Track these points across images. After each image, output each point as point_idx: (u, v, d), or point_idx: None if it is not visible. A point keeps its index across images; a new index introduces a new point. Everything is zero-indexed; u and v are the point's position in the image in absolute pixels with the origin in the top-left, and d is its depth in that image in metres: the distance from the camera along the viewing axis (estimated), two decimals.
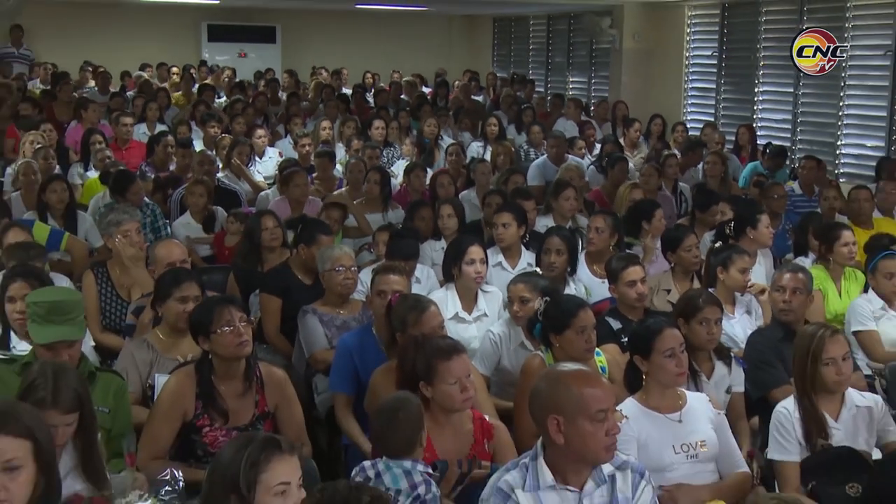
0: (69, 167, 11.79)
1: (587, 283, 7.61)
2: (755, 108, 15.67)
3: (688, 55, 17.10)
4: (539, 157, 13.11)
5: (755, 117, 15.51)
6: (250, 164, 12.20)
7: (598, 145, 14.17)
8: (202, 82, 19.28)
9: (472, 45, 24.63)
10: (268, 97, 17.54)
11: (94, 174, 11.30)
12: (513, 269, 7.68)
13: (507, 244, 7.92)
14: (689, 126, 15.38)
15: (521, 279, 6.46)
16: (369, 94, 19.15)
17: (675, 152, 12.71)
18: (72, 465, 4.20)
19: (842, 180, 12.63)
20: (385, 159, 12.72)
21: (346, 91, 19.14)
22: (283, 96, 18.21)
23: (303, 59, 22.61)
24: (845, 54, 13.01)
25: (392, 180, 10.99)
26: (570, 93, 19.40)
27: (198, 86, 18.66)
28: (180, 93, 18.20)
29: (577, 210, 9.43)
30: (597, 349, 5.67)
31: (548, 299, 5.76)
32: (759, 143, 13.98)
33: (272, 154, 12.86)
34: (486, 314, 6.96)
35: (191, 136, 13.27)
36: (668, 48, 17.22)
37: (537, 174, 12.15)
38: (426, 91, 19.80)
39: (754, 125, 14.95)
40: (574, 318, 5.46)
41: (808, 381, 4.88)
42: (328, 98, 17.16)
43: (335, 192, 10.53)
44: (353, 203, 9.83)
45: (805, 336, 5.04)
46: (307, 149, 12.36)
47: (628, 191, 10.04)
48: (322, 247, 7.08)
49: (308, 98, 18.26)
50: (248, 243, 8.07)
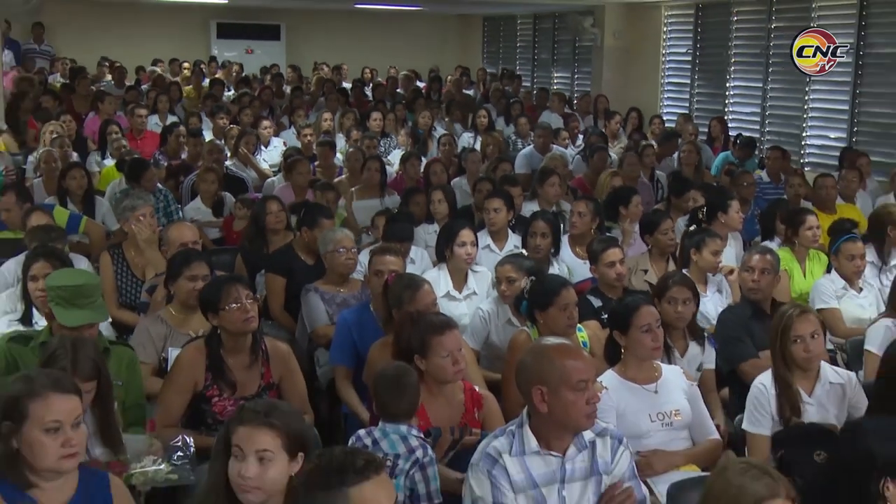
0: (87, 156, 11.78)
1: (570, 264, 7.62)
2: (726, 101, 15.69)
3: (664, 52, 17.09)
4: (526, 147, 13.10)
5: (726, 110, 15.52)
6: (256, 153, 12.18)
7: (581, 136, 14.20)
8: (211, 77, 19.24)
9: (463, 42, 24.58)
10: (273, 91, 17.49)
11: (110, 162, 11.30)
12: (500, 251, 7.67)
13: (498, 228, 7.93)
14: (665, 118, 15.36)
15: (508, 260, 6.45)
16: (367, 89, 19.09)
17: (652, 143, 12.72)
18: (91, 432, 4.21)
19: (807, 169, 12.65)
20: (382, 149, 12.71)
21: (346, 85, 19.09)
22: (286, 90, 18.18)
23: (305, 56, 22.56)
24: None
25: (388, 168, 11.00)
26: (554, 87, 19.38)
27: (207, 80, 18.65)
28: (191, 86, 18.15)
29: (561, 196, 9.43)
30: (579, 325, 5.68)
31: (533, 279, 5.78)
32: (730, 134, 13.98)
33: (277, 143, 12.85)
34: (475, 293, 6.98)
35: (201, 127, 13.29)
36: (646, 46, 17.21)
37: (524, 163, 12.14)
38: (420, 85, 19.74)
39: (726, 118, 14.92)
40: (557, 296, 5.46)
41: (779, 357, 4.88)
42: (329, 92, 17.13)
43: (335, 180, 10.53)
44: (351, 191, 9.85)
45: (777, 315, 5.04)
46: (309, 139, 12.35)
47: (609, 178, 10.05)
48: (323, 230, 7.09)
49: (310, 92, 18.21)
50: (255, 226, 8.08)
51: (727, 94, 15.69)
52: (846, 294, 6.95)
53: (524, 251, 7.27)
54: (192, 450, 4.55)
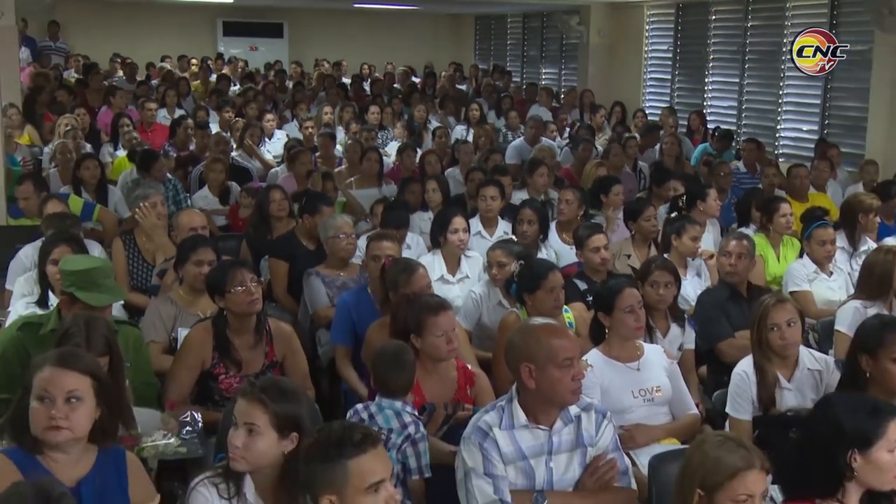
0: (100, 147, 11.76)
1: (557, 249, 7.63)
2: (705, 96, 15.66)
3: (646, 49, 17.04)
4: (516, 139, 13.13)
5: (705, 104, 15.49)
6: (261, 145, 12.19)
7: (568, 129, 14.20)
8: (218, 72, 19.20)
9: (456, 40, 24.54)
10: (276, 86, 17.47)
11: (122, 153, 11.30)
12: (490, 237, 7.68)
13: (493, 214, 7.96)
14: (647, 112, 15.34)
15: (498, 246, 6.46)
16: (366, 84, 19.08)
17: (635, 135, 12.74)
18: None
19: (780, 160, 12.63)
20: (380, 141, 12.71)
21: (346, 80, 19.09)
22: (289, 85, 18.16)
23: (307, 52, 22.55)
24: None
25: (385, 159, 10.99)
26: (542, 82, 19.32)
27: (214, 75, 18.62)
28: (199, 82, 18.13)
29: (549, 185, 9.44)
30: (565, 307, 5.69)
31: (522, 263, 5.78)
32: (708, 127, 14.01)
33: (280, 136, 12.81)
34: (468, 276, 6.97)
35: (208, 120, 13.26)
36: (629, 43, 17.17)
37: (514, 154, 12.12)
38: (416, 81, 19.73)
39: (704, 111, 14.92)
40: (545, 279, 5.47)
41: (757, 345, 4.86)
42: (329, 87, 17.13)
43: (336, 170, 10.53)
44: (349, 181, 9.84)
45: (757, 304, 5.02)
46: (311, 131, 12.35)
47: (594, 168, 10.07)
48: (323, 217, 7.09)
49: (311, 87, 18.20)
50: (259, 214, 8.07)
51: (706, 88, 15.66)
52: (817, 277, 6.96)
53: (514, 237, 7.29)
54: (199, 425, 4.56)
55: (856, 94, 12.34)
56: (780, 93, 13.88)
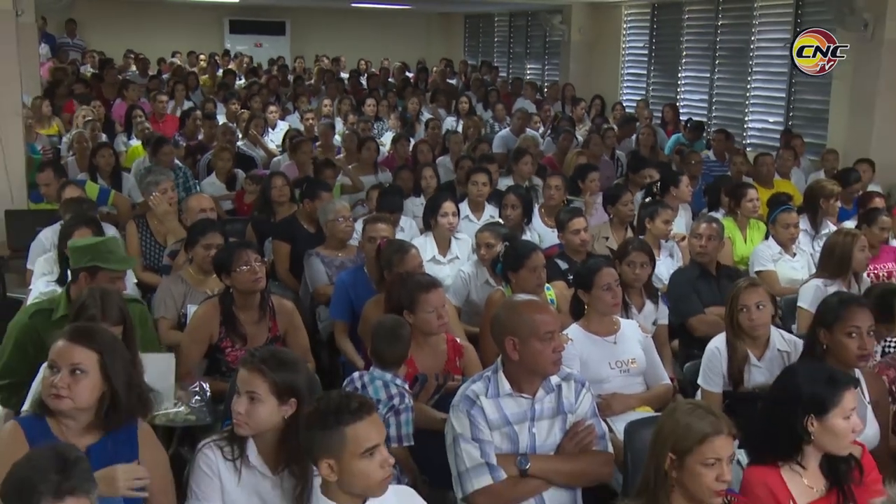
0: (115, 137, 11.74)
1: (540, 232, 7.64)
2: (678, 90, 15.64)
3: (624, 46, 17.01)
4: (502, 130, 13.10)
5: (678, 98, 15.47)
6: (265, 135, 12.16)
7: (551, 120, 14.18)
8: (224, 67, 19.14)
9: (447, 37, 24.46)
10: (279, 80, 17.44)
11: (135, 142, 11.29)
12: (478, 221, 7.70)
13: (481, 199, 7.98)
14: (624, 105, 15.34)
15: (486, 228, 6.47)
16: (363, 78, 19.00)
17: (613, 126, 12.75)
18: None
19: (748, 149, 12.64)
20: (375, 131, 12.68)
21: (344, 75, 19.01)
22: (291, 79, 18.11)
23: (308, 49, 22.45)
24: (753, 46, 12.98)
25: (381, 148, 10.97)
26: (527, 77, 19.29)
27: (221, 70, 18.55)
28: (206, 76, 18.06)
29: (533, 173, 9.44)
30: (547, 285, 5.68)
31: (507, 244, 5.79)
32: (681, 118, 13.96)
33: (283, 126, 12.77)
34: (457, 257, 6.98)
35: (215, 112, 13.25)
36: (607, 40, 17.14)
37: (500, 143, 12.11)
38: (409, 75, 19.69)
39: (677, 104, 14.88)
40: (528, 259, 5.47)
41: (729, 324, 4.85)
42: (329, 81, 17.08)
43: (335, 158, 10.52)
44: (349, 167, 9.82)
45: (731, 286, 5.02)
46: (311, 122, 12.34)
47: (575, 157, 10.07)
48: (322, 202, 7.09)
49: (312, 81, 18.16)
50: (263, 199, 8.09)
51: (679, 83, 15.65)
52: (781, 258, 6.98)
53: (500, 220, 7.30)
54: (208, 394, 4.57)
55: (818, 88, 12.33)
56: (748, 87, 13.89)
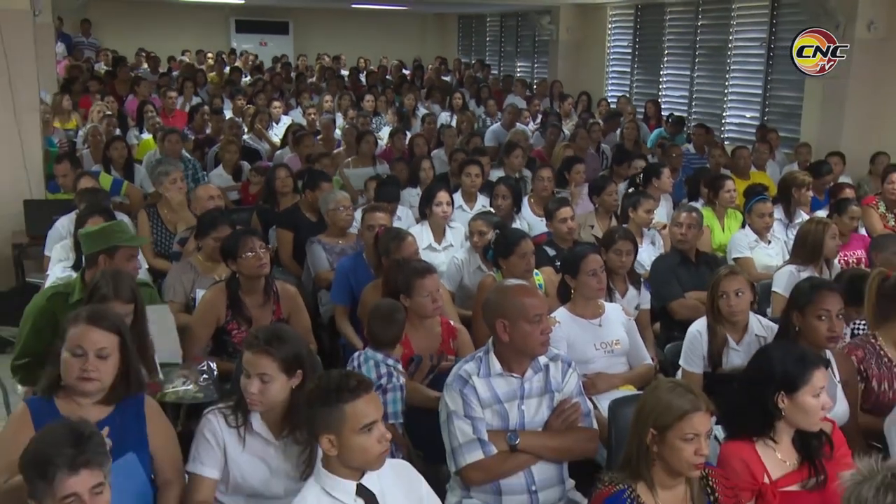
0: (127, 131, 11.70)
1: (529, 221, 7.64)
2: (660, 87, 15.63)
3: (609, 45, 16.98)
4: (494, 124, 13.09)
5: (660, 94, 15.47)
6: (269, 129, 12.16)
7: (540, 115, 14.17)
8: (231, 65, 19.08)
9: (442, 37, 24.42)
10: (282, 77, 17.45)
11: (146, 136, 11.25)
12: (471, 210, 7.69)
13: (474, 190, 7.98)
14: (609, 101, 15.34)
15: (479, 217, 6.47)
16: (362, 75, 18.98)
17: (598, 121, 12.73)
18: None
19: (726, 143, 12.61)
20: (374, 125, 12.65)
21: (344, 72, 19.01)
22: (294, 76, 18.06)
23: (310, 47, 22.40)
24: (730, 45, 12.95)
25: (379, 142, 10.96)
26: (517, 75, 19.25)
27: (228, 67, 18.51)
28: (214, 73, 18.02)
29: (523, 165, 9.43)
30: (536, 270, 5.68)
31: (498, 232, 5.78)
32: (662, 114, 13.99)
33: (286, 121, 12.76)
34: (451, 244, 6.96)
35: (222, 107, 13.23)
36: (593, 40, 17.12)
37: (492, 137, 12.12)
38: (406, 73, 19.65)
39: (659, 100, 14.92)
40: (517, 246, 5.47)
41: (710, 309, 4.83)
42: (330, 78, 17.06)
43: (335, 151, 10.50)
44: (347, 161, 9.81)
45: (712, 274, 5.01)
46: (313, 116, 12.31)
47: (562, 150, 10.06)
48: (323, 192, 7.09)
49: (314, 78, 18.11)
50: (267, 189, 8.10)
51: (661, 80, 15.64)
52: (757, 245, 6.99)
53: (491, 209, 7.30)
54: (215, 373, 4.57)
55: (792, 85, 12.34)
56: (726, 84, 13.89)
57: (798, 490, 3.39)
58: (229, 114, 12.85)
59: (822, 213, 7.19)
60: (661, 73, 15.62)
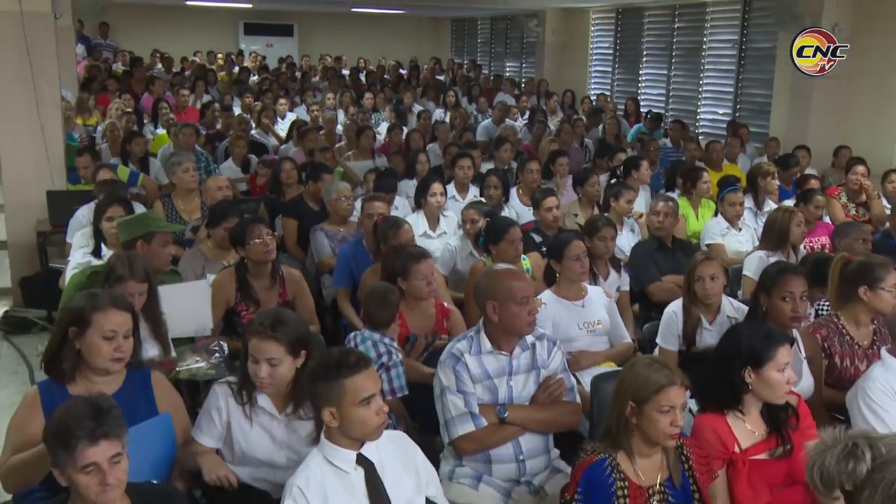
0: (143, 126, 11.67)
1: (517, 210, 7.63)
2: (639, 85, 15.63)
3: (591, 46, 16.97)
4: (484, 120, 13.07)
5: (639, 92, 15.46)
6: (275, 124, 12.13)
7: (527, 111, 14.15)
8: (240, 65, 19.03)
9: (436, 39, 24.36)
10: (287, 76, 17.36)
11: (161, 131, 11.24)
12: (463, 200, 7.69)
13: (466, 181, 7.97)
14: (592, 98, 15.32)
15: (471, 206, 6.47)
16: (362, 74, 18.95)
17: (582, 117, 12.70)
18: (147, 334, 4.19)
19: (700, 137, 12.62)
20: (373, 121, 12.63)
21: (345, 72, 18.97)
22: (298, 75, 18.02)
23: (313, 48, 22.34)
24: (704, 46, 12.92)
25: (377, 136, 10.95)
26: (507, 74, 19.23)
27: (237, 67, 18.46)
28: (224, 72, 17.95)
29: (511, 158, 9.42)
30: (523, 255, 5.69)
31: (488, 220, 5.79)
32: (641, 110, 13.98)
33: (291, 117, 12.74)
34: (445, 232, 6.96)
35: (232, 104, 13.21)
36: (577, 41, 17.10)
37: (483, 132, 12.10)
38: (403, 72, 19.61)
39: (638, 98, 14.91)
40: (506, 233, 5.48)
41: (686, 292, 4.84)
42: (332, 77, 17.00)
43: (336, 145, 10.48)
44: (348, 154, 9.78)
45: (689, 259, 5.00)
46: (316, 113, 12.29)
47: (548, 144, 10.07)
48: (325, 183, 7.08)
49: (317, 77, 18.07)
50: (273, 181, 8.09)
51: (640, 79, 15.63)
52: (729, 232, 6.99)
53: (482, 199, 7.29)
54: (226, 352, 4.56)
55: (762, 83, 12.35)
56: (700, 83, 13.89)
57: (766, 458, 3.40)
58: (238, 110, 12.84)
59: (789, 203, 7.20)
60: (640, 72, 15.60)
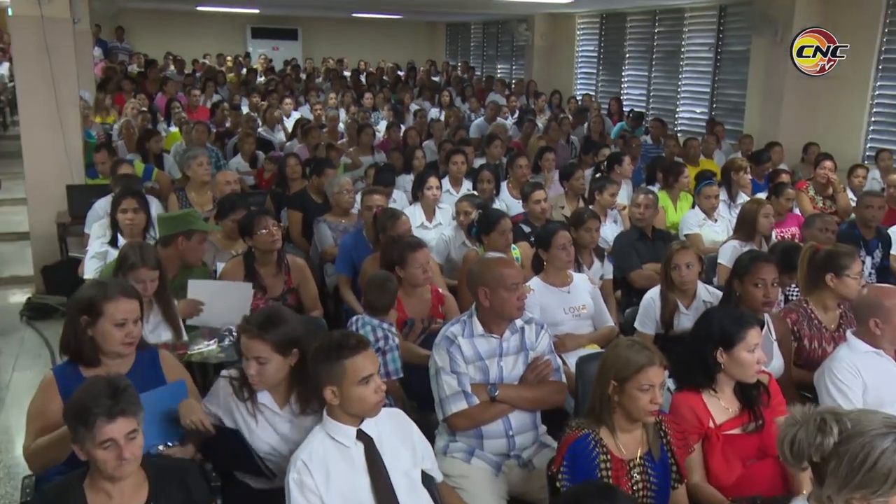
0: (157, 124, 11.65)
1: (507, 202, 7.61)
2: (622, 86, 15.62)
3: (577, 49, 16.95)
4: (477, 119, 13.04)
5: (622, 92, 15.45)
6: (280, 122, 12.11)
7: (517, 110, 14.15)
8: (247, 67, 18.99)
9: (431, 42, 24.32)
10: (292, 77, 17.34)
11: (174, 129, 11.22)
12: (457, 193, 7.65)
13: (460, 175, 7.96)
14: (578, 98, 15.32)
15: (464, 198, 6.45)
16: (362, 76, 18.91)
17: (568, 116, 12.70)
18: (159, 319, 4.19)
19: (679, 134, 12.63)
20: (372, 119, 12.62)
21: (346, 73, 18.93)
22: (303, 76, 17.99)
23: (316, 51, 22.29)
24: (683, 49, 12.91)
25: (377, 134, 10.94)
26: (498, 75, 19.19)
27: (245, 69, 18.41)
28: (233, 74, 17.92)
29: (502, 154, 9.42)
30: (513, 245, 5.69)
31: (480, 212, 5.78)
32: (624, 109, 13.98)
33: (296, 116, 12.71)
34: (440, 223, 6.95)
35: (240, 104, 13.19)
36: (564, 45, 17.08)
37: (475, 130, 12.07)
38: (401, 74, 19.58)
39: (621, 97, 14.90)
40: (497, 224, 5.47)
41: (664, 279, 4.85)
42: (334, 78, 16.95)
43: (339, 142, 10.47)
44: (349, 150, 9.78)
45: (667, 249, 5.00)
46: (319, 112, 12.26)
47: (536, 141, 10.06)
48: (328, 178, 7.08)
49: (320, 78, 18.04)
50: (279, 175, 8.10)
51: (622, 80, 15.62)
52: (705, 223, 7.00)
53: (475, 192, 7.28)
54: (235, 335, 4.54)
55: (737, 84, 12.36)
56: (679, 83, 13.89)
57: (739, 433, 3.41)
58: (246, 109, 12.80)
59: (762, 196, 7.21)
60: (623, 74, 15.59)
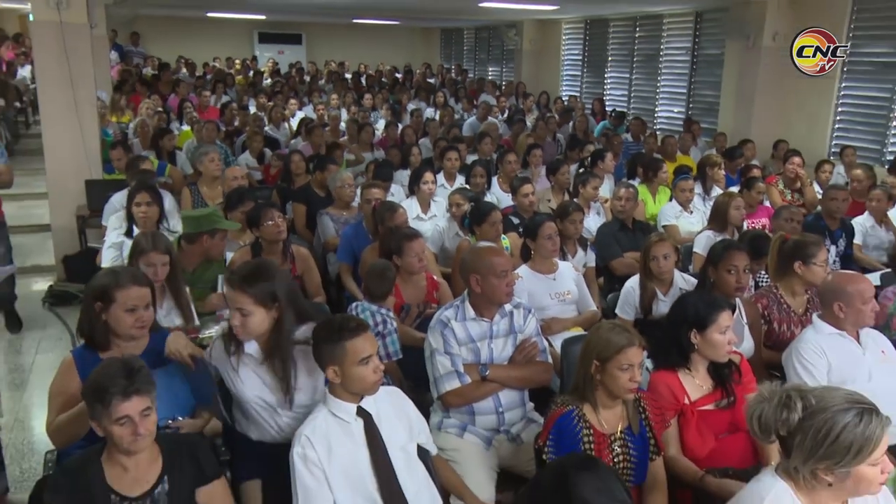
0: (170, 123, 11.63)
1: (498, 196, 7.62)
2: (605, 87, 15.60)
3: (563, 53, 16.93)
4: (469, 118, 13.05)
5: (605, 93, 15.45)
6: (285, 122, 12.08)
7: (507, 110, 14.13)
8: (255, 70, 18.92)
9: (427, 46, 24.26)
10: (297, 79, 17.29)
11: (185, 128, 11.19)
12: (451, 187, 7.67)
13: (453, 170, 7.96)
14: (564, 99, 15.30)
15: (457, 192, 6.45)
16: (362, 78, 18.87)
17: (555, 115, 12.71)
18: (171, 305, 4.18)
19: (657, 132, 12.63)
20: (371, 119, 12.60)
21: (347, 76, 18.87)
22: (307, 78, 17.94)
23: (319, 55, 22.21)
24: (661, 53, 12.88)
25: (376, 132, 10.92)
26: (489, 77, 19.20)
27: (252, 72, 18.35)
28: (241, 76, 17.87)
29: (493, 151, 9.41)
30: (503, 235, 5.69)
31: (472, 204, 5.78)
32: (607, 109, 13.97)
33: (300, 115, 12.69)
34: (435, 215, 6.94)
35: (248, 104, 13.16)
36: (551, 48, 17.07)
37: (468, 128, 12.08)
38: (398, 76, 19.55)
39: (604, 98, 14.90)
40: (488, 216, 5.48)
41: (643, 269, 4.84)
42: (336, 80, 16.92)
43: (340, 140, 10.46)
44: (349, 147, 9.77)
45: (646, 240, 4.99)
46: (322, 111, 12.27)
47: (525, 139, 10.06)
48: (330, 173, 7.07)
49: (323, 80, 17.99)
50: (285, 171, 8.08)
51: (605, 82, 15.61)
52: (682, 215, 7.01)
53: (467, 186, 7.28)
54: None
55: (711, 85, 12.36)
56: (658, 85, 13.90)
57: (712, 409, 3.42)
58: (253, 109, 12.77)
59: (734, 189, 7.22)
60: (606, 76, 15.58)
